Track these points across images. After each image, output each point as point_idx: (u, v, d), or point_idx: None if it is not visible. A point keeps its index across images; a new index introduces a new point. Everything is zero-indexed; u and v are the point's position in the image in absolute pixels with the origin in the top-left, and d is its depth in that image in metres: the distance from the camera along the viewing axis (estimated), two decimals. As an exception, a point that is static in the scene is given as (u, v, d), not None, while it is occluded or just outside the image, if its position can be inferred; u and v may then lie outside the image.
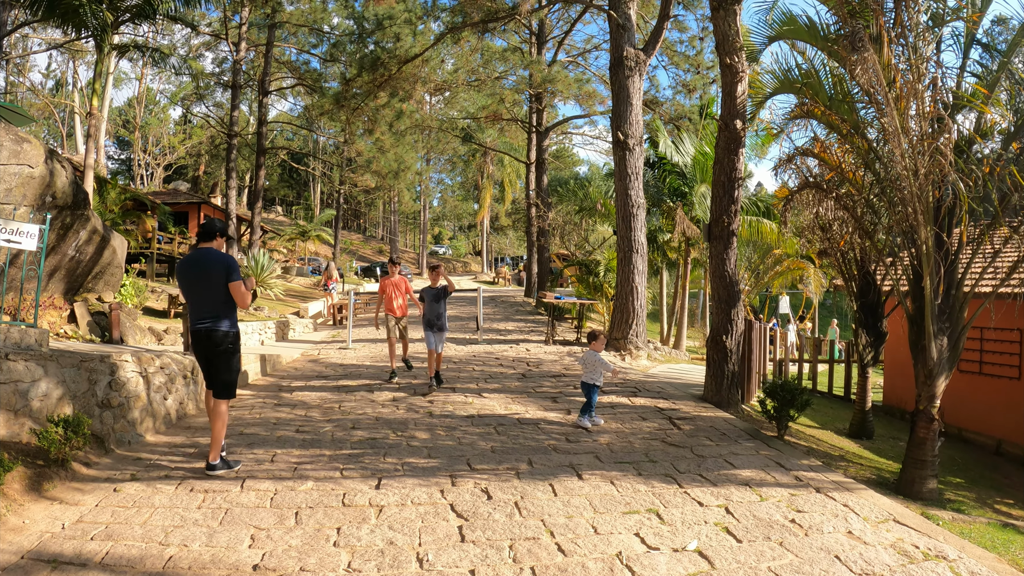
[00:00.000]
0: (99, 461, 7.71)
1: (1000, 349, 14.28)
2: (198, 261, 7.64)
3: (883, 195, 10.29)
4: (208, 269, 7.55)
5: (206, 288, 7.59)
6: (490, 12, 25.33)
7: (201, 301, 7.64)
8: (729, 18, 12.33)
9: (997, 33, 12.14)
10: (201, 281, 7.60)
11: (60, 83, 68.43)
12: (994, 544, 6.64)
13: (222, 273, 7.52)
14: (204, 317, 7.62)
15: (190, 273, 7.68)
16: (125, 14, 20.46)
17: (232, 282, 7.54)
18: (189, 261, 7.73)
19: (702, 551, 5.54)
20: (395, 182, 48.92)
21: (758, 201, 27.67)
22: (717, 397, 11.96)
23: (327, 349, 18.25)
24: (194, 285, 7.67)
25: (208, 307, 7.62)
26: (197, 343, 7.70)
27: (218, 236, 7.87)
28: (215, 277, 7.52)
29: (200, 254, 7.68)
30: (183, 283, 7.79)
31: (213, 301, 7.61)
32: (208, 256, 7.63)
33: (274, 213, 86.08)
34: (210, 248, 7.73)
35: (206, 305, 7.62)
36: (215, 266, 7.53)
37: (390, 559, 5.34)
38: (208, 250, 7.69)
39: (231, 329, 7.72)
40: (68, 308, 13.79)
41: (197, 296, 7.67)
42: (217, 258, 7.60)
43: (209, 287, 7.57)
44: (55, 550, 5.39)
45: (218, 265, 7.54)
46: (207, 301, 7.62)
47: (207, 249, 7.70)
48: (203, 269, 7.59)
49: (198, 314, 7.65)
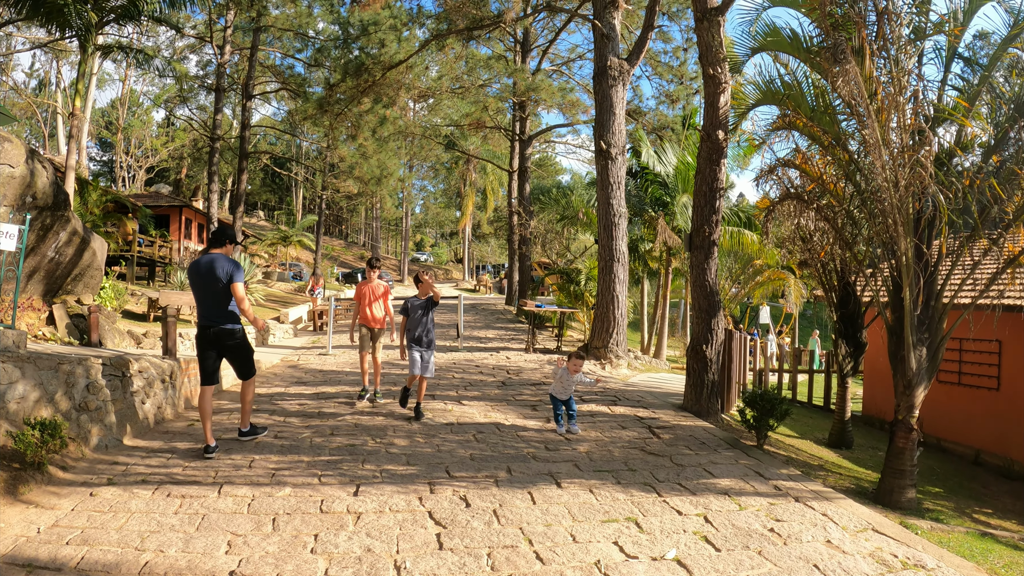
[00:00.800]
0: (76, 465, 7.64)
1: (979, 360, 14.37)
2: (206, 265, 8.28)
3: (864, 207, 10.35)
4: (215, 273, 8.20)
5: (213, 291, 8.27)
6: (475, 20, 25.40)
7: (208, 302, 8.34)
8: (713, 29, 12.38)
9: (979, 48, 12.22)
10: (209, 284, 8.26)
11: (43, 83, 68.09)
12: (972, 553, 6.67)
13: (226, 277, 8.21)
14: (212, 317, 8.36)
15: (199, 276, 8.32)
16: (110, 14, 20.37)
17: (234, 283, 8.23)
18: (198, 265, 8.34)
19: (681, 560, 5.53)
20: (377, 188, 48.89)
21: (740, 212, 27.77)
22: (697, 406, 11.98)
23: (307, 355, 18.16)
24: (202, 288, 8.32)
25: (215, 308, 8.35)
26: (204, 340, 8.43)
27: (227, 242, 8.54)
28: (221, 281, 8.21)
29: (209, 259, 8.31)
30: (192, 285, 8.44)
31: (219, 303, 8.33)
32: (216, 261, 8.26)
33: (256, 218, 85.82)
34: (219, 254, 8.39)
35: (213, 306, 8.34)
36: (221, 270, 8.21)
37: (368, 566, 5.30)
38: (217, 255, 8.34)
39: (237, 326, 8.52)
40: (47, 310, 13.67)
41: (205, 298, 8.35)
42: (223, 263, 8.25)
43: (216, 290, 8.25)
44: (30, 554, 5.32)
45: (223, 270, 8.22)
46: (214, 303, 8.33)
47: (216, 255, 8.36)
48: (211, 273, 8.23)
49: (206, 314, 8.37)
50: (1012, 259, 9.03)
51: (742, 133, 14.32)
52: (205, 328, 8.41)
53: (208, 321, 8.38)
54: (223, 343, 8.47)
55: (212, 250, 8.52)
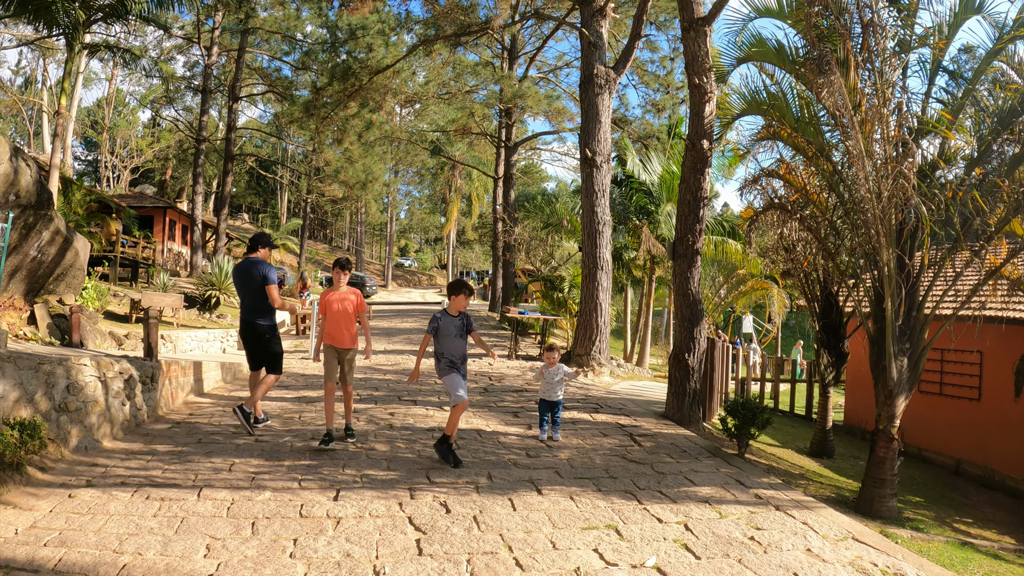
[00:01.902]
0: (54, 466, 7.57)
1: (960, 371, 14.47)
2: (244, 268, 9.64)
3: (847, 217, 10.41)
4: (252, 275, 9.52)
5: (249, 290, 9.60)
6: (463, 26, 25.43)
7: (247, 301, 9.68)
8: (699, 39, 12.42)
9: (964, 61, 12.32)
10: (246, 285, 9.61)
11: (29, 80, 67.81)
12: (952, 562, 6.70)
13: (260, 279, 9.47)
14: (248, 312, 9.68)
15: (240, 278, 9.70)
16: (98, 13, 20.29)
17: (268, 285, 9.48)
18: (238, 268, 9.78)
19: (660, 567, 5.52)
20: (363, 193, 48.92)
21: (723, 221, 27.87)
22: (678, 414, 11.99)
23: (289, 359, 18.06)
24: (242, 287, 9.69)
25: (251, 305, 9.64)
26: (244, 331, 9.87)
27: (261, 248, 9.78)
28: (256, 282, 9.51)
29: (247, 262, 9.68)
30: (236, 285, 9.96)
31: (253, 301, 9.61)
32: (252, 264, 9.58)
33: (240, 220, 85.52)
34: (255, 258, 9.69)
35: (251, 304, 9.64)
36: (256, 273, 9.49)
37: (347, 571, 5.27)
38: (254, 259, 9.66)
39: (268, 323, 9.71)
40: (28, 309, 13.59)
41: (244, 296, 9.72)
42: (258, 266, 9.54)
43: (251, 290, 9.58)
44: (7, 555, 5.27)
45: (258, 272, 9.50)
46: (251, 301, 9.63)
47: (253, 258, 9.69)
48: (248, 274, 9.56)
49: (244, 310, 9.74)
50: (993, 271, 9.10)
51: (727, 143, 14.35)
52: (244, 322, 9.78)
53: (245, 316, 9.72)
54: (257, 335, 9.67)
55: (250, 255, 9.80)
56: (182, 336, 18.18)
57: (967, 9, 9.69)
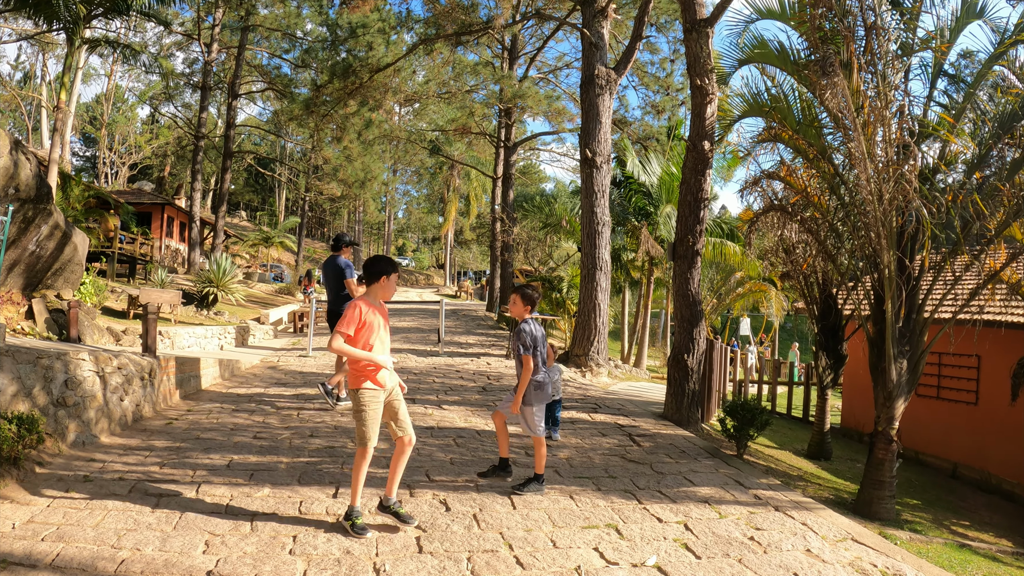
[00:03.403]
0: (52, 461, 7.56)
1: (958, 375, 14.49)
2: (329, 264, 11.16)
3: (847, 219, 10.41)
4: (335, 269, 11.04)
5: (333, 284, 11.13)
6: (464, 25, 25.43)
7: (332, 292, 11.22)
8: (701, 40, 12.43)
9: (964, 66, 12.33)
10: (330, 279, 11.15)
11: (28, 75, 67.71)
12: (951, 564, 6.71)
13: (341, 274, 11.01)
14: (333, 302, 11.24)
15: (326, 272, 11.25)
16: (98, 8, 20.29)
17: (345, 278, 10.95)
18: (325, 264, 11.29)
19: (661, 567, 5.52)
20: (361, 191, 48.88)
21: (722, 223, 27.90)
22: (677, 415, 11.99)
23: (287, 356, 18.09)
24: (327, 281, 11.24)
25: (335, 295, 11.17)
26: (331, 318, 11.36)
27: (344, 247, 11.22)
28: (337, 276, 11.05)
29: (330, 259, 11.16)
30: (324, 279, 11.48)
31: (338, 291, 11.11)
32: (334, 261, 11.10)
33: (238, 218, 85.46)
34: (337, 255, 11.15)
35: (335, 294, 11.16)
36: (337, 268, 11.02)
37: (347, 568, 5.27)
38: (337, 256, 11.13)
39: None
40: (26, 304, 13.56)
41: (329, 288, 11.28)
42: (339, 262, 11.05)
43: (335, 284, 11.12)
44: (5, 549, 5.25)
45: (338, 268, 11.02)
46: (335, 291, 11.15)
47: (335, 256, 11.15)
48: (331, 270, 11.09)
49: (331, 300, 11.33)
50: (993, 275, 9.11)
51: (727, 144, 14.37)
52: (330, 312, 11.37)
53: (332, 305, 11.28)
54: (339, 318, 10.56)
55: (333, 252, 11.25)
56: (180, 332, 18.16)
57: (968, 13, 9.71)
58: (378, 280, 6.10)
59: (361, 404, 5.95)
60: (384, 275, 6.11)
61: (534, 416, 7.05)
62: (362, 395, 5.96)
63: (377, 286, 6.11)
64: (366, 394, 5.95)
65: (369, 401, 5.94)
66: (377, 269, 6.11)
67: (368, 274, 6.12)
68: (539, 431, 7.07)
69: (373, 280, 6.11)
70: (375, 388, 5.99)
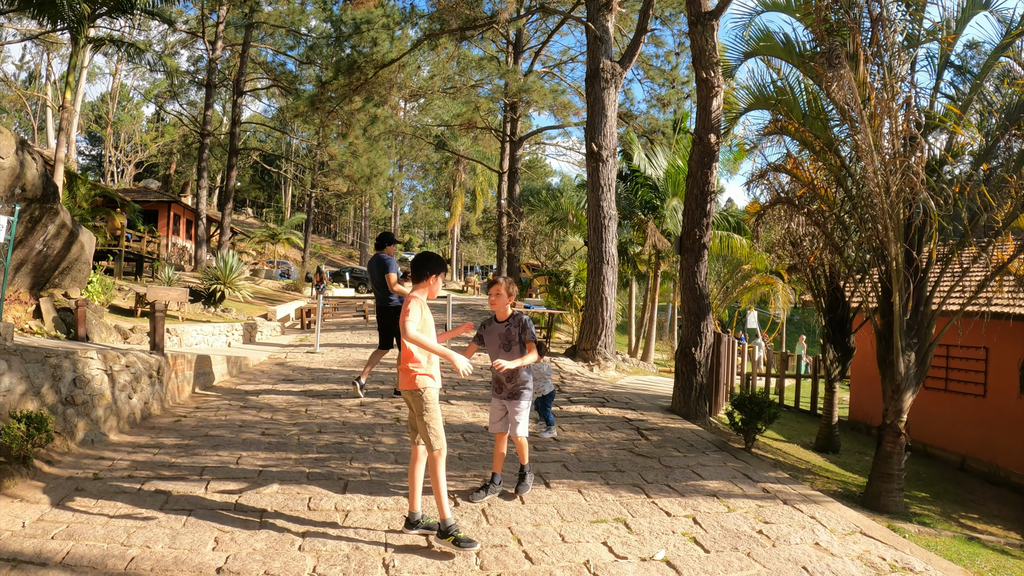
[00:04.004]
0: (61, 459, 7.59)
1: (966, 367, 14.45)
2: (373, 262, 11.64)
3: (854, 212, 10.39)
4: (379, 267, 11.50)
5: (379, 281, 11.57)
6: (468, 20, 25.39)
7: (377, 288, 11.71)
8: (706, 33, 12.40)
9: (970, 57, 12.29)
10: (375, 276, 11.63)
11: (33, 75, 67.76)
12: (960, 557, 6.70)
13: (385, 269, 11.42)
14: (380, 298, 11.75)
15: (371, 270, 11.70)
16: (102, 7, 20.30)
17: (385, 273, 11.40)
18: (370, 262, 11.74)
19: (670, 560, 5.52)
20: (367, 187, 48.90)
21: (729, 216, 27.87)
22: (685, 409, 11.98)
23: (295, 353, 18.12)
24: (373, 277, 11.69)
25: (380, 291, 11.68)
26: (380, 315, 11.84)
27: (388, 245, 11.78)
28: (382, 272, 11.47)
29: (375, 257, 11.64)
30: (369, 275, 12.04)
31: (383, 287, 11.57)
32: (379, 258, 11.56)
33: (244, 215, 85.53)
34: (382, 253, 11.63)
35: (380, 290, 11.67)
36: (381, 265, 11.47)
37: (356, 564, 5.28)
38: (381, 255, 11.60)
39: (398, 303, 11.45)
40: (34, 303, 13.60)
41: (375, 285, 11.77)
42: (382, 259, 11.50)
43: (381, 280, 11.55)
44: (15, 548, 5.27)
45: (382, 265, 11.47)
46: (380, 287, 11.63)
47: (379, 254, 11.65)
48: (376, 267, 11.55)
49: (377, 296, 11.80)
50: (1000, 266, 9.09)
51: (734, 137, 14.34)
52: (379, 308, 11.80)
53: (378, 301, 11.80)
54: (389, 316, 11.56)
55: (378, 251, 11.78)
56: (187, 330, 18.20)
57: (975, 4, 9.68)
58: (425, 280, 5.91)
59: (426, 403, 5.70)
60: (433, 275, 5.92)
61: (524, 413, 6.74)
62: (426, 393, 5.72)
63: (424, 285, 5.91)
64: (430, 392, 5.74)
65: (433, 398, 5.73)
66: (426, 269, 5.91)
67: (416, 273, 5.94)
68: (523, 431, 6.74)
69: (420, 279, 5.93)
70: (436, 385, 5.82)
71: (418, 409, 5.73)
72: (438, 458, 5.69)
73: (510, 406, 6.71)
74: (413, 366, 5.72)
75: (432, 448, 5.68)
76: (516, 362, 6.36)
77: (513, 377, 6.66)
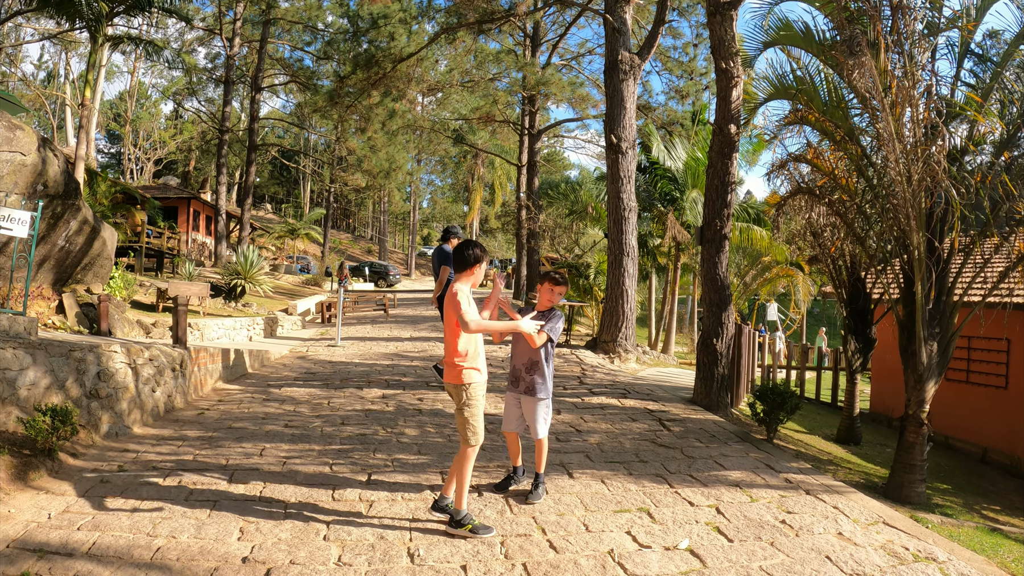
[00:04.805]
0: (86, 452, 7.67)
1: (987, 358, 14.36)
2: (437, 253, 12.15)
3: (876, 201, 10.34)
4: (439, 259, 12.02)
5: (438, 270, 12.01)
6: (486, 13, 25.38)
7: (440, 279, 11.95)
8: (725, 23, 12.37)
9: (989, 45, 12.18)
10: (437, 268, 12.07)
11: (52, 74, 68.19)
12: (983, 548, 6.67)
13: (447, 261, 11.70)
14: (444, 289, 11.75)
15: (433, 262, 12.36)
16: (120, 5, 20.43)
17: (442, 265, 11.84)
18: (434, 253, 12.32)
19: (694, 550, 5.54)
20: (386, 182, 49.03)
21: (748, 208, 27.79)
22: (706, 400, 11.97)
23: (316, 346, 18.21)
24: (436, 269, 12.14)
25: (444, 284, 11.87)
26: (440, 303, 11.64)
27: (452, 238, 12.13)
28: (440, 264, 11.92)
29: (437, 249, 12.20)
30: (433, 267, 12.47)
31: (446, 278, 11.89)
32: (440, 250, 12.07)
33: (263, 210, 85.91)
34: (444, 245, 12.05)
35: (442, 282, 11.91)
36: (441, 255, 11.95)
37: (381, 553, 5.32)
38: (442, 246, 12.07)
39: None
40: (56, 299, 13.73)
41: (436, 274, 12.16)
42: (444, 252, 11.88)
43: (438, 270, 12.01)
44: (41, 539, 5.35)
45: (443, 257, 11.84)
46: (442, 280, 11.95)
47: (442, 246, 12.11)
48: (439, 258, 12.03)
49: (440, 288, 11.96)
50: (1022, 256, 9.02)
51: (753, 128, 14.29)
52: (439, 298, 11.92)
53: (442, 292, 11.87)
54: None
55: (442, 243, 12.24)
56: (209, 324, 18.32)
57: (995, -9, 9.60)
58: (469, 268, 5.83)
59: (471, 398, 5.70)
60: (478, 263, 5.84)
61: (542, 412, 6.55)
62: (471, 389, 5.71)
63: (468, 273, 5.83)
64: (474, 388, 5.72)
65: (478, 394, 5.73)
66: (469, 257, 5.81)
67: (458, 261, 5.85)
68: (543, 431, 6.55)
69: (464, 268, 5.84)
70: (482, 379, 5.80)
71: (461, 403, 5.74)
72: (471, 453, 5.72)
73: (526, 404, 6.55)
74: (459, 360, 5.72)
75: (468, 442, 5.70)
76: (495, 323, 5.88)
77: (532, 369, 6.50)
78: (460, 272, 5.84)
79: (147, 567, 5.02)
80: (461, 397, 5.69)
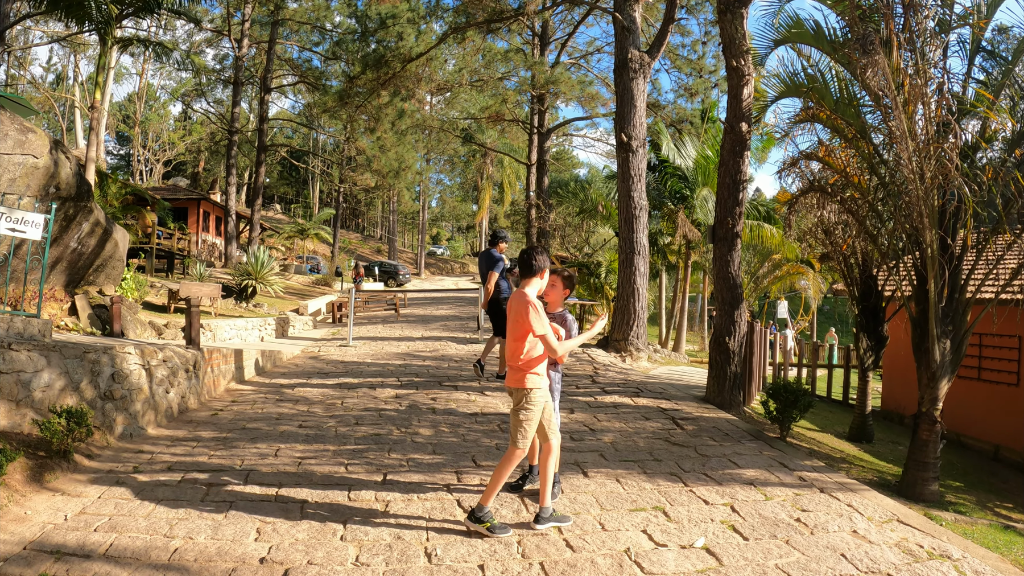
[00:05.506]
0: (101, 453, 7.72)
1: (999, 355, 14.31)
2: (483, 255, 12.35)
3: (888, 198, 10.33)
4: (486, 262, 12.18)
5: (485, 273, 12.14)
6: (494, 12, 25.36)
7: (484, 279, 12.16)
8: (736, 21, 12.37)
9: (999, 42, 12.15)
10: (484, 271, 12.15)
11: (61, 77, 68.36)
12: (996, 545, 6.68)
13: (493, 265, 12.04)
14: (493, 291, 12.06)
15: (481, 265, 12.41)
16: (129, 7, 20.49)
17: (489, 270, 12.04)
18: (481, 256, 12.49)
19: (710, 548, 5.55)
20: (395, 181, 49.07)
21: (759, 206, 27.76)
22: (719, 398, 11.97)
23: (328, 346, 18.25)
24: (483, 273, 12.23)
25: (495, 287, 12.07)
26: (490, 306, 12.22)
27: (500, 242, 12.28)
28: (488, 267, 12.09)
29: (485, 252, 12.33)
30: (479, 268, 12.56)
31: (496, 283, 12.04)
32: (487, 254, 12.24)
33: (273, 211, 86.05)
34: (492, 249, 12.21)
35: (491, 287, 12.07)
36: (490, 260, 12.11)
37: (398, 553, 5.35)
38: (490, 250, 12.22)
39: (507, 293, 12.09)
40: (69, 300, 13.79)
41: (483, 276, 12.26)
42: (491, 256, 12.14)
43: (485, 273, 12.12)
44: (58, 541, 5.39)
45: (490, 260, 12.11)
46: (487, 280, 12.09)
47: (490, 250, 12.25)
48: (484, 261, 12.26)
49: (489, 294, 12.09)
50: (1035, 253, 9.01)
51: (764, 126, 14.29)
52: (491, 302, 12.14)
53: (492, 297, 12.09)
54: (497, 304, 12.05)
55: (489, 247, 12.30)
56: (221, 325, 18.39)
57: (1007, -13, 9.58)
58: (536, 275, 5.89)
59: (531, 403, 5.70)
60: (542, 270, 5.90)
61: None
62: (535, 395, 5.72)
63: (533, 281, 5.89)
64: (536, 394, 5.73)
65: (539, 401, 5.73)
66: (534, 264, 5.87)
67: (524, 267, 5.87)
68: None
69: (530, 274, 5.88)
70: (545, 385, 5.84)
71: (519, 405, 5.77)
72: (518, 456, 5.73)
73: None
74: (524, 365, 5.76)
75: (516, 444, 5.71)
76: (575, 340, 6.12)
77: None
78: (525, 278, 5.89)
79: (165, 568, 5.06)
80: (520, 400, 5.74)
